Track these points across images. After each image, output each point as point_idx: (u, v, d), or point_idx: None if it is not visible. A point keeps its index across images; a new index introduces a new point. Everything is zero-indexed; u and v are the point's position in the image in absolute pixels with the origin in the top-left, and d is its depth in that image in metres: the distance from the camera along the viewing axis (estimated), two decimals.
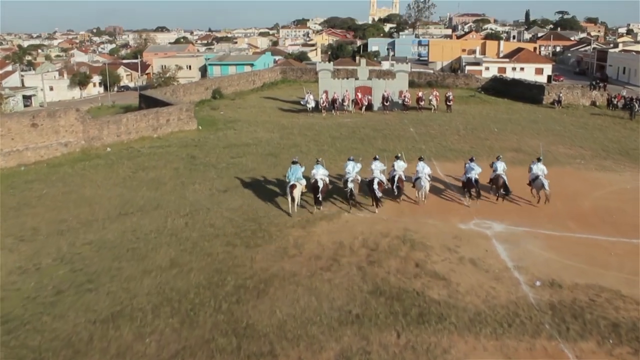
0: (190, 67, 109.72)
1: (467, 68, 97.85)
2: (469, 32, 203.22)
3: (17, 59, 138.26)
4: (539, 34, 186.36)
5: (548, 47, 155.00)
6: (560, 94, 49.61)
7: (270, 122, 40.42)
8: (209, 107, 48.20)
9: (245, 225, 20.11)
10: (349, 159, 22.82)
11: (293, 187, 21.07)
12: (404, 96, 45.43)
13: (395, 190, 22.20)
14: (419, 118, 42.22)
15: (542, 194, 22.57)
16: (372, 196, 21.59)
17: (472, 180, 22.17)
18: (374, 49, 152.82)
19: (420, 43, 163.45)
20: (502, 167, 22.97)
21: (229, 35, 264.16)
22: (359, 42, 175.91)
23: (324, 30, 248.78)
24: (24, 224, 20.61)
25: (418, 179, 22.19)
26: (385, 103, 44.85)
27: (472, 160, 23.08)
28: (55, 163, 29.53)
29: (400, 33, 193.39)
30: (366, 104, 45.27)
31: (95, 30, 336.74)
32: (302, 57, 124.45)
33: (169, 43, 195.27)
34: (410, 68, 50.69)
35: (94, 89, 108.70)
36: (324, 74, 47.05)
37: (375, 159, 22.69)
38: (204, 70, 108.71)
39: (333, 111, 44.19)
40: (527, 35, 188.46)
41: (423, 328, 13.42)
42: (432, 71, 78.68)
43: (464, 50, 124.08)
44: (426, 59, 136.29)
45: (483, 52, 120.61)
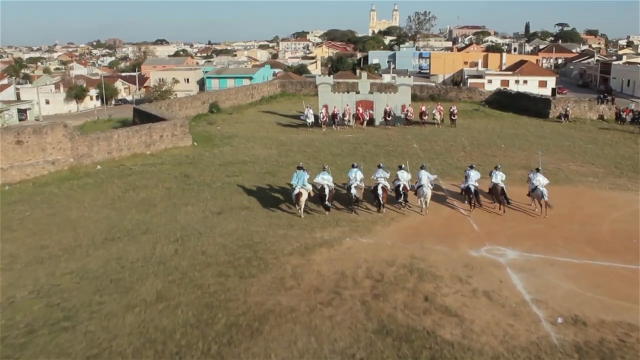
0: (188, 80, 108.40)
1: (470, 81, 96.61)
2: (469, 44, 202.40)
3: (13, 72, 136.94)
4: (541, 46, 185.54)
5: (550, 59, 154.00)
6: (568, 108, 48.30)
7: (268, 138, 39.06)
8: (205, 121, 46.92)
9: (239, 253, 18.66)
10: (353, 166, 23.46)
11: (299, 195, 21.79)
12: (407, 110, 44.12)
13: (401, 198, 22.53)
14: (422, 133, 40.89)
15: (542, 203, 22.48)
16: (376, 200, 22.37)
17: (472, 188, 22.77)
18: (375, 61, 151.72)
19: (421, 55, 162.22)
20: (500, 177, 23.25)
21: (229, 47, 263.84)
22: (359, 55, 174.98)
23: (323, 42, 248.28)
24: (2, 251, 19.17)
25: (420, 187, 22.45)
26: (387, 118, 43.58)
27: (471, 168, 23.79)
28: (42, 182, 28.13)
29: (401, 46, 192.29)
30: (368, 118, 44.01)
31: (95, 43, 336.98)
32: (301, 70, 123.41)
33: (168, 56, 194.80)
34: (413, 81, 49.33)
35: (90, 103, 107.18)
36: (324, 88, 45.79)
37: (379, 167, 23.34)
38: (202, 84, 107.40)
39: (333, 126, 42.91)
40: (528, 48, 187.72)
41: None
42: (434, 84, 77.45)
43: (465, 62, 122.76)
44: (427, 71, 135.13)
45: (485, 65, 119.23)
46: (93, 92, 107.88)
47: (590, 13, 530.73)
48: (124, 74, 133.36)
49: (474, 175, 23.16)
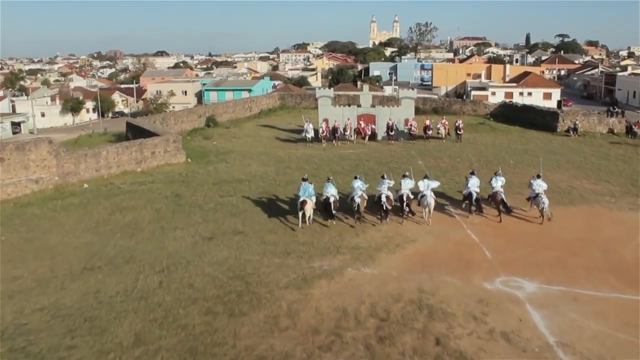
0: (186, 92, 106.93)
1: (473, 93, 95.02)
2: (470, 55, 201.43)
3: (9, 84, 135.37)
4: (543, 57, 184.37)
5: (553, 70, 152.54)
6: (577, 122, 46.59)
7: (265, 154, 37.34)
8: (201, 136, 45.29)
9: (230, 285, 16.92)
10: (356, 178, 23.28)
11: (304, 202, 21.79)
12: (411, 125, 42.40)
13: (406, 209, 22.49)
14: (427, 149, 39.18)
15: (542, 213, 22.75)
16: (380, 211, 22.33)
17: (472, 196, 22.88)
18: (376, 73, 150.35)
19: (423, 67, 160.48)
20: (500, 183, 23.40)
21: (229, 59, 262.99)
22: (360, 67, 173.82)
23: (324, 54, 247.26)
24: None
25: (423, 196, 22.43)
26: (389, 132, 41.84)
27: (472, 174, 23.89)
28: (24, 202, 26.45)
29: (403, 57, 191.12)
30: (369, 133, 42.28)
31: (96, 54, 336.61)
32: (302, 82, 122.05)
33: (168, 67, 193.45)
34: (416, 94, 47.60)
35: (87, 115, 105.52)
36: (324, 101, 44.16)
37: (383, 178, 23.00)
38: (200, 96, 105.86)
39: (334, 141, 41.22)
40: (530, 59, 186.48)
41: None
42: (436, 96, 75.91)
43: (468, 74, 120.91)
44: (429, 83, 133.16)
45: (488, 77, 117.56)
46: (90, 104, 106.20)
47: (589, 24, 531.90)
48: (122, 86, 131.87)
49: (474, 181, 23.28)
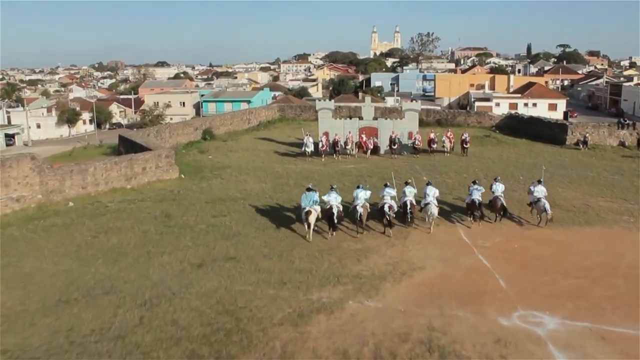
0: (184, 103, 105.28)
1: (477, 104, 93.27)
2: (472, 66, 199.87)
3: (5, 95, 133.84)
4: (545, 68, 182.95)
5: (556, 81, 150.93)
6: (587, 134, 44.95)
7: (263, 170, 35.62)
8: (197, 149, 43.64)
9: (218, 322, 15.18)
10: (358, 187, 23.28)
11: (309, 213, 21.43)
12: (415, 138, 40.73)
13: (408, 216, 22.71)
14: (431, 163, 37.50)
15: (543, 217, 23.40)
16: (384, 220, 22.08)
17: (476, 203, 23.17)
18: (377, 84, 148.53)
19: (425, 78, 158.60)
20: (500, 189, 23.97)
21: (230, 70, 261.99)
22: (361, 77, 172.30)
23: (325, 64, 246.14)
24: None
25: (427, 204, 22.61)
26: (392, 146, 40.18)
27: (475, 183, 24.24)
28: (3, 223, 24.69)
29: (404, 67, 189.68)
30: (372, 147, 40.60)
31: (97, 65, 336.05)
32: (302, 93, 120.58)
33: (168, 78, 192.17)
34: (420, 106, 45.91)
35: (83, 127, 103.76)
36: (324, 113, 42.56)
37: (386, 186, 23.17)
38: (198, 107, 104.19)
39: (334, 155, 39.53)
40: (533, 69, 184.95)
41: None
42: (439, 108, 74.29)
43: (471, 85, 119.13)
44: (432, 94, 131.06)
45: (492, 87, 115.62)
46: (86, 115, 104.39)
47: (590, 34, 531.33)
48: (121, 97, 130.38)
49: (477, 190, 23.54)
